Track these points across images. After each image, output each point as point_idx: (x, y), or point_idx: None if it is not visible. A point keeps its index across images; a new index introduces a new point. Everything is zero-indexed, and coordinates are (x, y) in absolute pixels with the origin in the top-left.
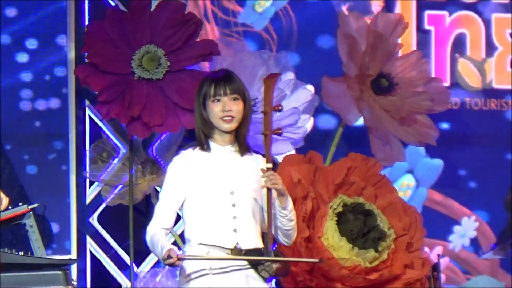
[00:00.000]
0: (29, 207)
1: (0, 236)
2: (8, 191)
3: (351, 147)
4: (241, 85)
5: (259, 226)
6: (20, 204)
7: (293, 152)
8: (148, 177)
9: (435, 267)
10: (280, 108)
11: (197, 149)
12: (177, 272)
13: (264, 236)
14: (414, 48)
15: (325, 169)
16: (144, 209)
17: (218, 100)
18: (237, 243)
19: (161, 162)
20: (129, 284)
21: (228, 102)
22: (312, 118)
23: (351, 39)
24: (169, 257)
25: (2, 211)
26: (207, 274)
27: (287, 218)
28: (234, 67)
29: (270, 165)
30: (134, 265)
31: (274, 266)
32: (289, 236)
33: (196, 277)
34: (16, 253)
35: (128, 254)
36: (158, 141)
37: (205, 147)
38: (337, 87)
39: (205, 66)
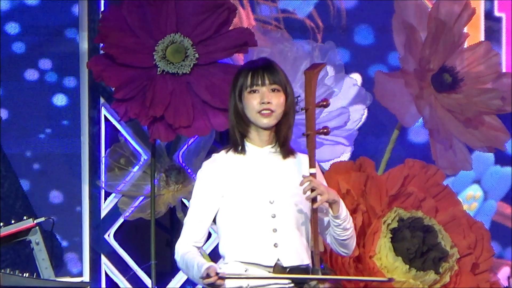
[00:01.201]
0: (35, 221)
1: (1, 255)
2: (11, 203)
3: (408, 153)
4: (283, 76)
5: (305, 239)
6: (25, 217)
7: (344, 158)
8: (173, 187)
9: None
10: (326, 103)
11: (231, 152)
12: None
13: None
14: (482, 38)
15: (378, 178)
16: (168, 224)
17: (255, 91)
18: (278, 260)
19: (189, 170)
20: None
21: (267, 93)
22: (363, 119)
23: (409, 28)
24: (208, 275)
25: (3, 225)
26: None
27: (340, 228)
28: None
29: (313, 170)
30: None
31: (322, 286)
32: (346, 245)
33: None
34: (20, 274)
35: (150, 276)
36: (185, 146)
37: (239, 148)
38: (392, 84)
39: (240, 58)
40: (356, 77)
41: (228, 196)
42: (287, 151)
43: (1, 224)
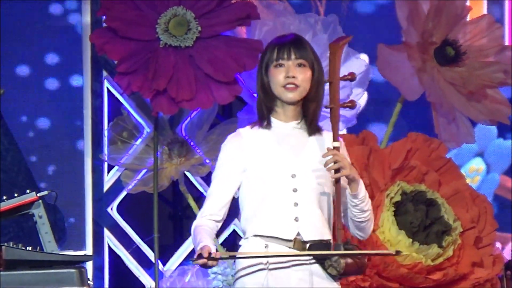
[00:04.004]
0: (38, 194)
1: (4, 229)
2: (13, 176)
3: (411, 127)
4: (310, 52)
5: (326, 215)
6: (28, 191)
7: (344, 131)
8: (175, 161)
9: (509, 266)
10: (351, 77)
11: (256, 127)
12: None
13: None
14: (485, 11)
15: (381, 151)
16: (171, 197)
17: (281, 65)
18: (298, 234)
19: (191, 143)
20: (153, 284)
21: (292, 67)
22: (366, 93)
23: (412, 0)
24: (199, 257)
25: (6, 199)
26: (263, 269)
27: (358, 208)
28: (275, 33)
29: (337, 144)
30: (159, 262)
31: (343, 261)
32: (362, 228)
33: (250, 273)
34: (23, 248)
35: (153, 249)
36: (188, 119)
37: (264, 123)
38: (395, 57)
39: (242, 31)
40: (362, 55)
41: (250, 169)
42: (314, 128)
43: (4, 197)
